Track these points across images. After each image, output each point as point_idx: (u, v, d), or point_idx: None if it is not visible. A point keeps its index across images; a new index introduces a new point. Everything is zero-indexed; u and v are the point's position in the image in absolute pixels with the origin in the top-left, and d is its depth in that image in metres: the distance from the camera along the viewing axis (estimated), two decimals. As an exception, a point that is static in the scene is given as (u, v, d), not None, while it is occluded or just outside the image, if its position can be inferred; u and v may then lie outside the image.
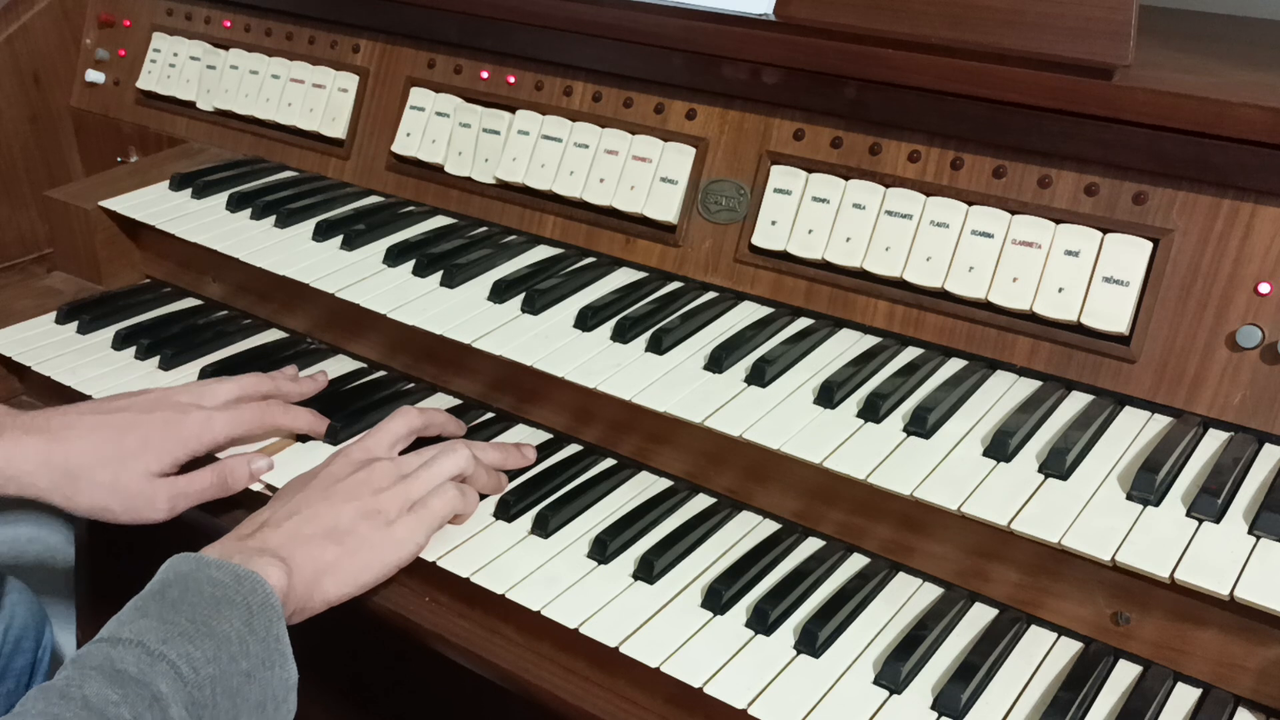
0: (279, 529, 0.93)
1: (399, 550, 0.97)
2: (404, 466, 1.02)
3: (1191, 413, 0.97)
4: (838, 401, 1.01)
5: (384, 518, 0.97)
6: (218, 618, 0.82)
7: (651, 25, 1.21)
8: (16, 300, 1.43)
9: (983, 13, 1.02)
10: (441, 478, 1.01)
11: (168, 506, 1.03)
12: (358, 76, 1.47)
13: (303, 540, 0.93)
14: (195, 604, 0.82)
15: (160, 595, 0.83)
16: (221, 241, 1.33)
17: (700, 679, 0.87)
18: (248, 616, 0.83)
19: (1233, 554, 0.83)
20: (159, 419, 1.05)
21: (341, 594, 0.94)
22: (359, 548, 0.95)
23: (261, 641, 0.83)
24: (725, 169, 1.21)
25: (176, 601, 0.82)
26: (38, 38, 1.67)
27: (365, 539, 0.95)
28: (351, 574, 0.94)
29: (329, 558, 0.93)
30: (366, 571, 0.95)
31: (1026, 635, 0.92)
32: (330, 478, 1.00)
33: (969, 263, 1.06)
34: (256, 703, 0.82)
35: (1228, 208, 0.97)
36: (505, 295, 1.19)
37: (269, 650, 0.83)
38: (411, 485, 1.00)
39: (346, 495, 0.97)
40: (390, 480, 1.00)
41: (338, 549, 0.94)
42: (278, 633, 0.85)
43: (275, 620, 0.85)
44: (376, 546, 0.96)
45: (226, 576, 0.85)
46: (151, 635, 0.79)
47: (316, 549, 0.93)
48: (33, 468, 1.00)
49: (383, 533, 0.96)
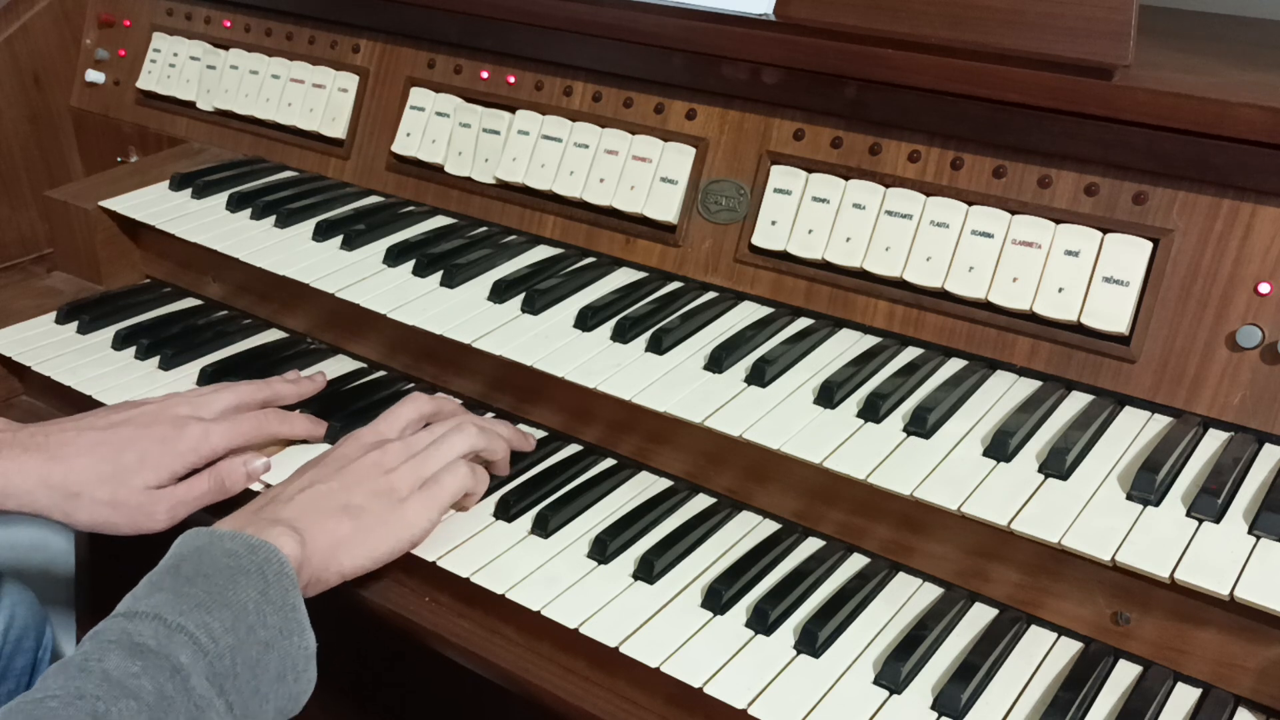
0: (291, 503, 0.94)
1: (411, 528, 0.98)
2: (414, 446, 1.02)
3: (1191, 413, 0.97)
4: (838, 401, 1.01)
5: (396, 495, 0.98)
6: (233, 588, 0.82)
7: (651, 25, 1.21)
8: (16, 300, 1.43)
9: (983, 13, 1.02)
10: (452, 455, 1.02)
11: (167, 517, 1.03)
12: (358, 76, 1.47)
13: (316, 513, 0.93)
14: (210, 575, 0.82)
15: (175, 570, 0.84)
16: (221, 241, 1.33)
17: (700, 679, 0.87)
18: (263, 586, 0.83)
19: (1233, 554, 0.83)
20: (157, 434, 1.05)
21: (356, 566, 0.94)
22: (373, 524, 0.96)
23: (279, 610, 0.83)
24: (725, 169, 1.20)
25: (191, 575, 0.82)
26: (38, 38, 1.67)
27: (378, 516, 0.96)
28: (365, 548, 0.95)
29: (343, 531, 0.94)
30: (381, 546, 0.96)
31: (1026, 635, 0.92)
32: (342, 458, 1.00)
33: (969, 263, 1.06)
34: (276, 673, 0.82)
35: (1228, 208, 0.97)
36: (505, 295, 1.19)
37: (286, 619, 0.83)
38: (423, 463, 1.00)
39: (358, 475, 0.98)
40: (401, 459, 1.00)
41: (352, 523, 0.94)
42: (294, 602, 0.85)
43: (291, 589, 0.85)
44: (389, 523, 0.96)
45: (240, 547, 0.85)
46: (168, 608, 0.79)
47: (331, 522, 0.94)
48: (31, 486, 1.00)
49: (395, 510, 0.97)
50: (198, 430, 1.06)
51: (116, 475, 1.02)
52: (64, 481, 1.01)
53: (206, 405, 1.09)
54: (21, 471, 1.00)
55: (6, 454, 1.01)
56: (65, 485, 1.01)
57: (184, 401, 1.09)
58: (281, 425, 1.12)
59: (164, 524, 1.03)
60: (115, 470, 1.02)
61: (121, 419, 1.06)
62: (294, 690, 0.84)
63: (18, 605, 1.25)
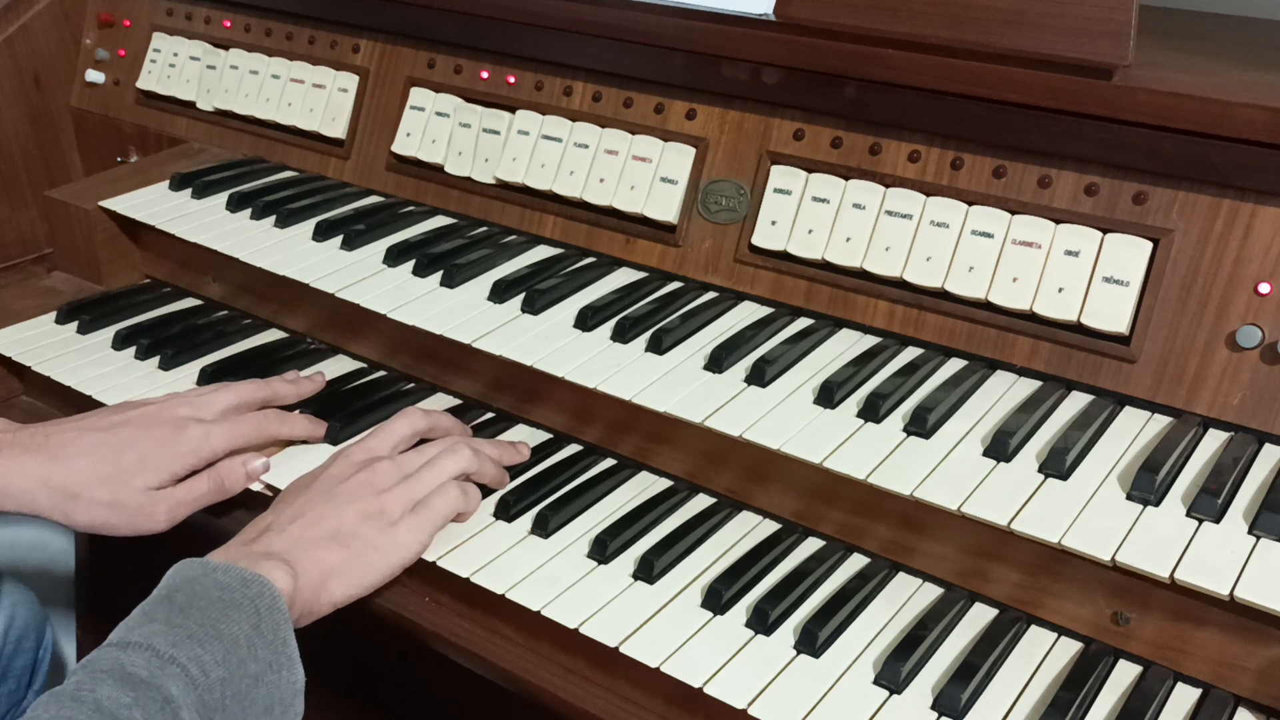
0: (283, 534, 0.93)
1: (402, 552, 0.97)
2: (405, 466, 1.01)
3: (1191, 413, 0.97)
4: (838, 401, 1.01)
5: (387, 518, 0.97)
6: (226, 621, 0.82)
7: (651, 25, 1.21)
8: (16, 300, 1.43)
9: (983, 13, 1.02)
10: (444, 477, 1.01)
11: (167, 518, 1.03)
12: (358, 76, 1.47)
13: (307, 544, 0.93)
14: (203, 608, 0.82)
15: (168, 600, 0.83)
16: (221, 241, 1.33)
17: (700, 679, 0.87)
18: (255, 620, 0.83)
19: (1233, 554, 0.83)
20: (157, 435, 1.04)
21: (347, 595, 0.94)
22: (363, 550, 0.95)
23: (269, 645, 0.83)
24: (725, 169, 1.21)
25: (185, 606, 0.82)
26: (38, 38, 1.67)
27: (369, 541, 0.95)
28: (356, 576, 0.94)
29: (334, 560, 0.93)
30: (371, 573, 0.95)
31: (1026, 635, 0.92)
32: (332, 479, 1.00)
33: (969, 263, 1.06)
34: (264, 706, 0.82)
35: (1228, 208, 0.97)
36: (505, 295, 1.19)
37: (276, 654, 0.83)
38: (414, 485, 1.00)
39: (349, 497, 0.97)
40: (392, 481, 0.99)
41: (343, 552, 0.94)
42: (285, 636, 0.85)
43: (283, 624, 0.85)
44: (380, 548, 0.96)
45: (233, 580, 0.85)
46: (161, 639, 0.79)
47: (321, 552, 0.93)
48: (31, 486, 1.00)
49: (386, 534, 0.96)
50: (198, 432, 1.06)
51: (116, 476, 1.02)
52: (64, 482, 1.00)
53: (206, 406, 1.09)
54: (21, 472, 1.00)
55: (6, 455, 1.01)
56: (65, 486, 1.00)
57: (184, 403, 1.09)
58: (281, 426, 1.12)
59: (163, 525, 1.03)
60: (115, 471, 1.02)
61: (121, 420, 1.06)
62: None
63: (18, 605, 1.25)
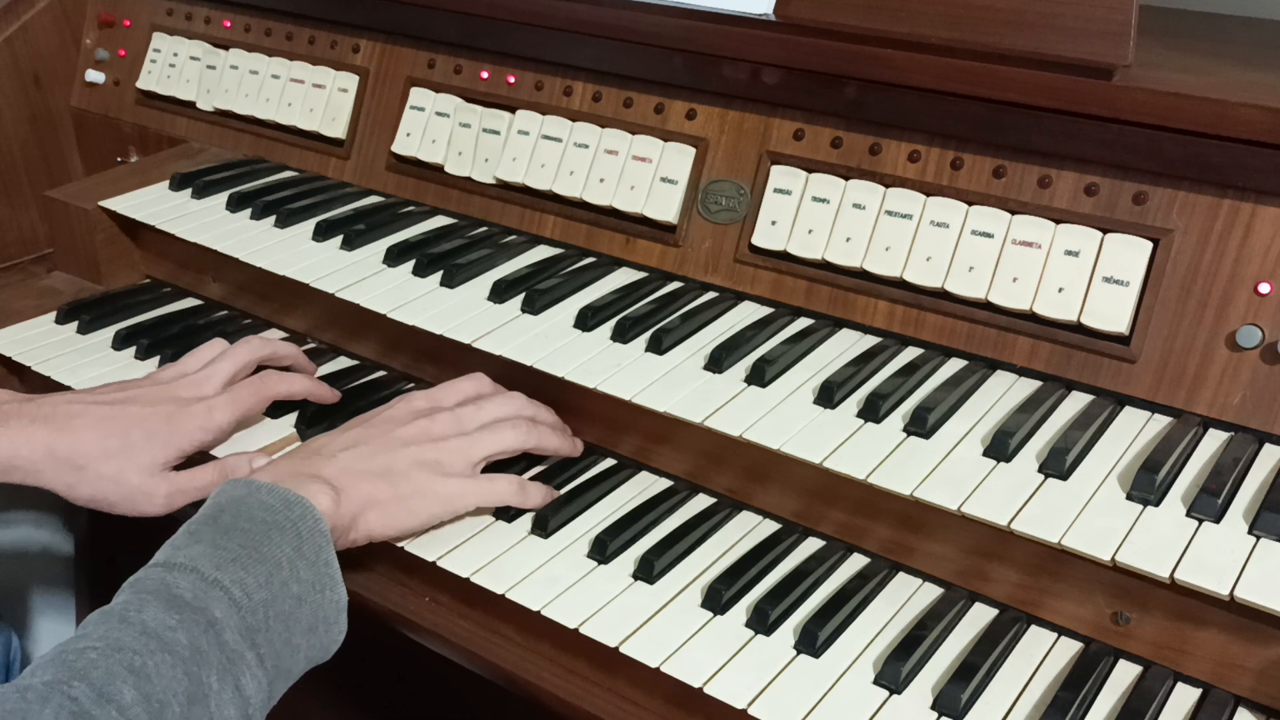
0: (333, 459, 0.95)
1: (448, 505, 0.98)
2: (465, 423, 1.03)
3: (1191, 413, 0.97)
4: (838, 401, 1.01)
5: (440, 469, 0.98)
6: (269, 543, 0.84)
7: (651, 25, 1.21)
8: (16, 300, 1.43)
9: (983, 13, 1.02)
10: (500, 446, 1.03)
11: (165, 502, 1.04)
12: (358, 76, 1.47)
13: (355, 475, 0.94)
14: (247, 529, 0.84)
15: (213, 520, 0.85)
16: (221, 241, 1.33)
17: (700, 679, 0.87)
18: (298, 543, 0.85)
19: (1233, 554, 0.83)
20: (164, 413, 1.05)
21: (385, 532, 0.96)
22: (410, 494, 0.96)
23: (311, 566, 0.85)
24: (725, 169, 1.21)
25: (229, 527, 0.84)
26: (38, 38, 1.67)
27: (418, 485, 0.97)
28: (398, 518, 0.96)
29: (379, 495, 0.95)
30: (412, 518, 0.97)
31: (1026, 635, 0.92)
32: (393, 420, 1.01)
33: (969, 263, 1.06)
34: (308, 625, 0.85)
35: (1228, 208, 0.97)
36: (505, 295, 1.19)
37: (319, 574, 0.86)
38: (472, 448, 1.01)
39: (405, 440, 0.99)
40: (449, 432, 1.01)
41: (390, 490, 0.95)
42: (327, 557, 0.87)
43: (325, 545, 0.87)
44: (427, 496, 0.97)
45: (277, 501, 0.87)
46: (205, 561, 0.81)
47: (368, 485, 0.94)
48: (38, 456, 1.01)
49: (436, 484, 0.98)
50: (202, 409, 1.07)
51: (124, 451, 1.02)
52: (70, 453, 1.01)
53: (207, 382, 1.10)
54: (30, 442, 1.00)
55: (14, 424, 1.01)
56: (72, 457, 1.01)
57: (187, 383, 1.10)
58: (281, 384, 1.13)
59: (161, 509, 1.04)
60: (123, 445, 1.02)
61: (126, 396, 1.07)
62: (325, 641, 0.87)
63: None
